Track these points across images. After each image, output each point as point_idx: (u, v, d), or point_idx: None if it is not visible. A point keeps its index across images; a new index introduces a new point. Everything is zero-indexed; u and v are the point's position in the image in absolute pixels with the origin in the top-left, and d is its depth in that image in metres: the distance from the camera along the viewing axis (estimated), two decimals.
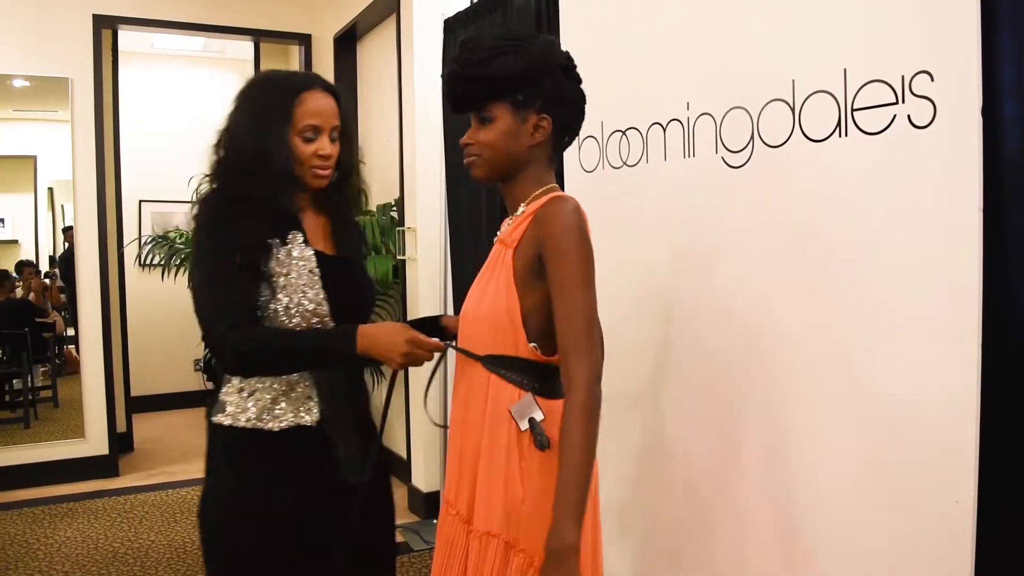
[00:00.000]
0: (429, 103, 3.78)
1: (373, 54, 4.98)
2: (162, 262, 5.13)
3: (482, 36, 1.52)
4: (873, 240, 1.58)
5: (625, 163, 2.24)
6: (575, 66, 1.54)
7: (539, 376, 1.49)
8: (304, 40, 5.28)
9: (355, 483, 1.62)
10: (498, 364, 1.49)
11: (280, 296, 1.57)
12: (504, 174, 1.55)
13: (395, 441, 4.78)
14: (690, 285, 2.03)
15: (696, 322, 2.02)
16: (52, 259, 5.63)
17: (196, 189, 1.66)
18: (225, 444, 1.62)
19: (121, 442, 5.07)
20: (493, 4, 3.22)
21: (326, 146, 1.61)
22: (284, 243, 1.60)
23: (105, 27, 4.77)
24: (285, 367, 1.57)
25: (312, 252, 1.63)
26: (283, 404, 1.61)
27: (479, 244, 3.35)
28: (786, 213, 1.77)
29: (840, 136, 1.63)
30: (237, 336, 1.50)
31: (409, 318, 4.05)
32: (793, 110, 1.73)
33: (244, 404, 1.61)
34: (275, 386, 1.61)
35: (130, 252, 5.44)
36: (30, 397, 5.27)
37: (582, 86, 1.55)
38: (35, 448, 4.75)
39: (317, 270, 1.62)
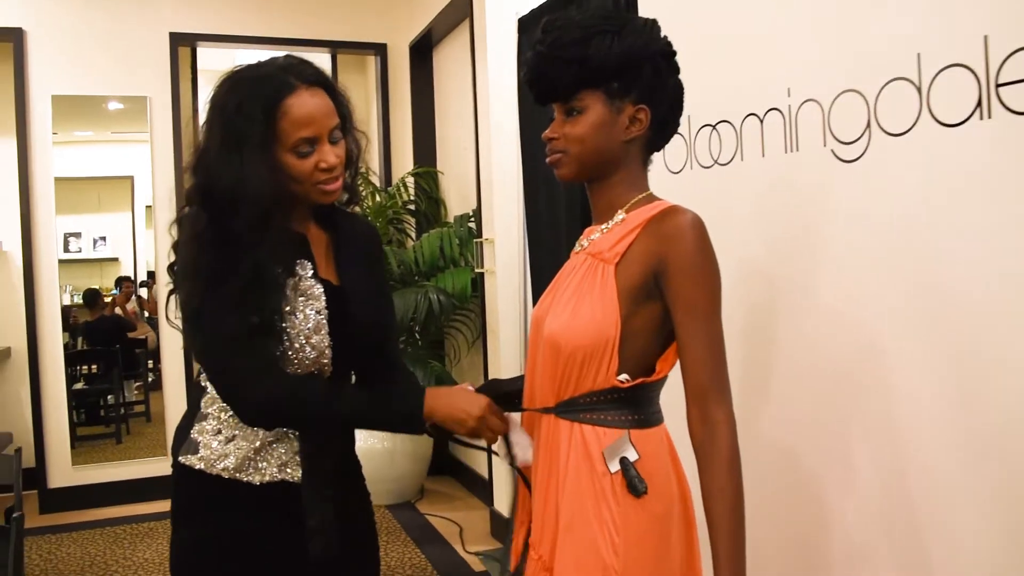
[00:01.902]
0: (505, 108, 3.63)
1: (448, 61, 4.89)
2: None
3: (572, 15, 1.31)
4: (1019, 242, 1.30)
5: (716, 161, 1.99)
6: (676, 53, 1.34)
7: (634, 404, 1.29)
8: (380, 50, 5.20)
9: (321, 555, 1.41)
10: (583, 410, 1.29)
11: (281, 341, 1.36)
12: (594, 173, 1.35)
13: (475, 457, 4.61)
14: (795, 294, 1.78)
15: (804, 334, 1.76)
16: (150, 273, 5.76)
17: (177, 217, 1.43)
18: (195, 492, 1.43)
19: None
20: None
21: (328, 155, 1.34)
22: (291, 274, 1.38)
23: (183, 45, 4.82)
24: (328, 428, 1.40)
25: (321, 289, 1.41)
26: (269, 456, 1.40)
27: (560, 256, 3.13)
28: (910, 212, 1.50)
29: (982, 118, 1.35)
30: (270, 384, 1.31)
31: (490, 376, 3.90)
32: (920, 90, 1.46)
33: (222, 450, 1.40)
34: (260, 434, 1.40)
35: None
36: (121, 412, 5.42)
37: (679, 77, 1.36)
38: (119, 466, 4.81)
39: (325, 311, 1.40)
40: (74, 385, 5.15)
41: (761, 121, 1.83)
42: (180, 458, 1.43)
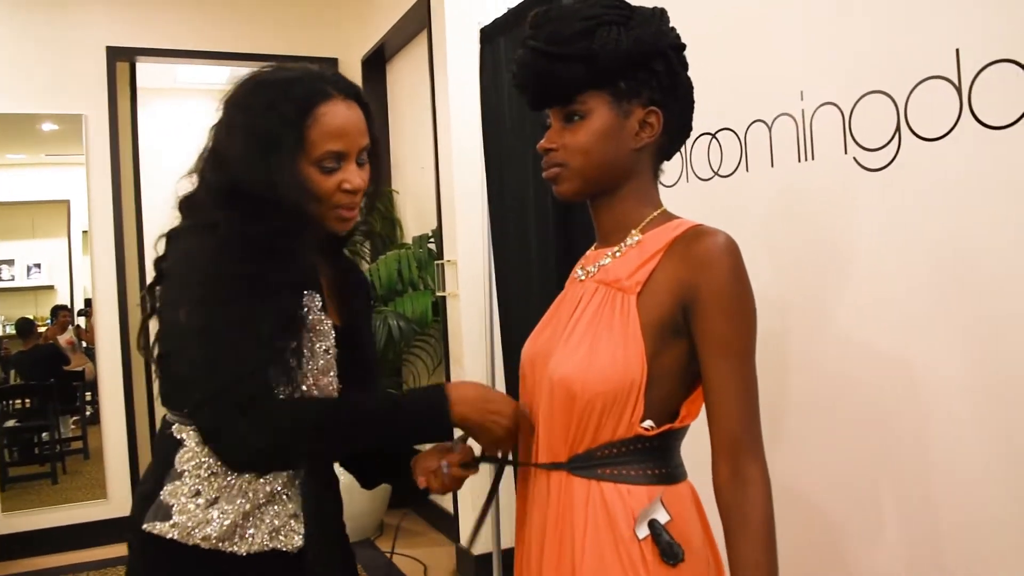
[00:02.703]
0: (467, 122, 3.50)
1: (404, 74, 4.74)
2: None
3: (567, 5, 1.12)
4: None
5: (716, 173, 1.83)
6: (685, 46, 1.16)
7: (658, 456, 1.10)
8: (330, 65, 5.00)
9: None
10: (601, 464, 1.09)
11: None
12: (600, 188, 1.16)
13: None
14: (810, 319, 1.61)
15: (820, 364, 1.60)
16: (87, 301, 5.51)
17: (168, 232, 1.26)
18: (165, 566, 1.19)
19: None
20: (536, 5, 2.85)
21: (354, 176, 1.20)
22: (301, 307, 1.20)
23: (120, 59, 4.57)
24: (339, 447, 1.20)
25: (331, 325, 1.23)
26: (259, 521, 1.19)
27: (530, 278, 2.98)
28: (947, 225, 1.36)
29: None
30: (271, 405, 1.11)
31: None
32: (959, 90, 1.31)
33: (202, 515, 1.17)
34: (250, 495, 1.18)
35: None
36: (58, 449, 5.16)
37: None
38: (55, 511, 4.53)
39: (335, 349, 1.22)
40: (5, 423, 4.89)
41: (769, 128, 1.68)
42: (146, 525, 1.18)
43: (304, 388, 1.18)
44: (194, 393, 1.11)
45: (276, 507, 1.20)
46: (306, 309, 1.19)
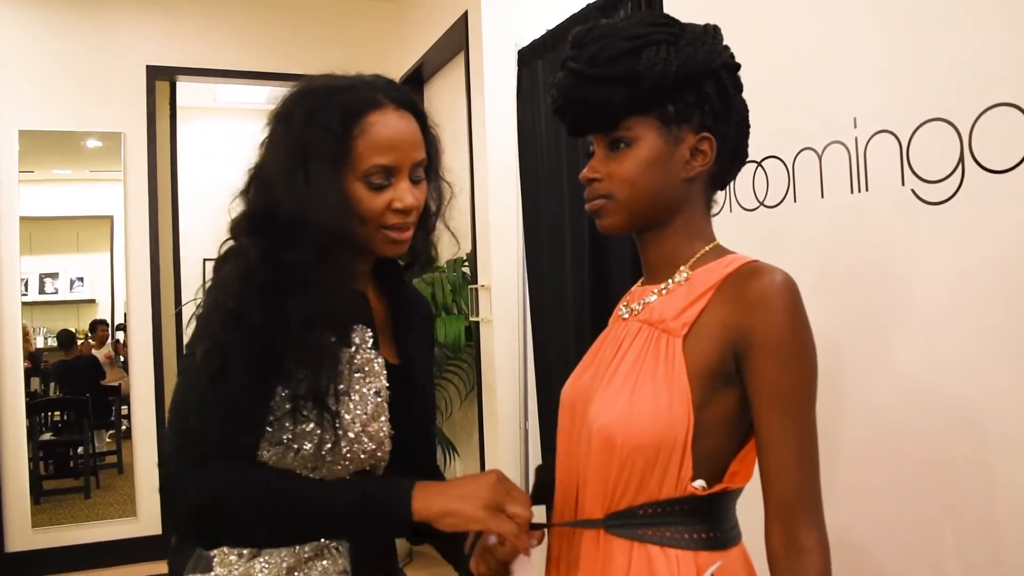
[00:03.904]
0: (503, 145, 3.47)
1: (441, 96, 4.71)
2: None
3: (611, 22, 1.04)
4: None
5: (762, 203, 1.73)
6: (740, 66, 1.07)
7: (710, 518, 1.00)
8: None
9: None
10: (643, 524, 0.99)
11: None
12: (647, 222, 1.07)
13: None
14: (865, 361, 1.51)
15: (877, 409, 1.49)
16: (127, 315, 5.58)
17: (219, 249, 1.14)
18: None
19: None
20: (577, 25, 2.80)
21: (405, 194, 1.08)
22: (345, 343, 1.08)
23: (160, 78, 4.61)
24: (272, 533, 1.01)
25: (383, 363, 1.11)
26: (306, 572, 1.08)
27: (564, 305, 2.91)
28: (1013, 264, 1.25)
29: None
30: (203, 475, 0.97)
31: (487, 433, 3.63)
32: None
33: (245, 569, 1.08)
34: (295, 549, 1.08)
35: (191, 313, 5.22)
36: (92, 463, 5.18)
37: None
38: (85, 527, 4.52)
39: (386, 391, 1.11)
40: (41, 436, 4.94)
41: (819, 156, 1.58)
42: None
43: (352, 435, 1.06)
44: (172, 437, 1.00)
45: (325, 562, 1.09)
46: (354, 347, 1.08)
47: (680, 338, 0.99)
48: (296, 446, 1.04)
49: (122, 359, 5.58)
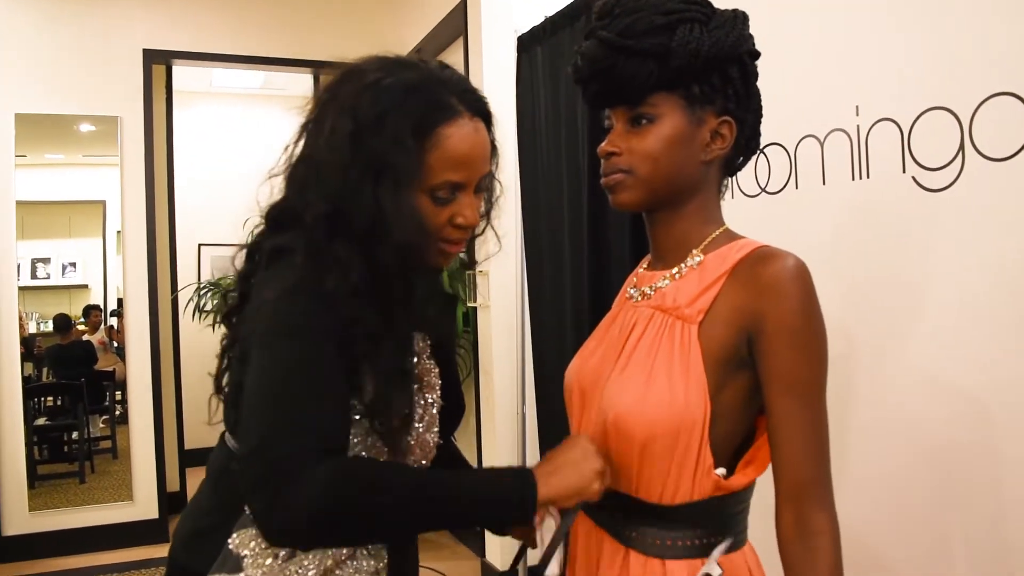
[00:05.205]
0: (502, 131, 3.38)
1: None
2: (214, 309, 4.86)
3: None
4: None
5: (764, 189, 1.76)
6: (759, 55, 1.07)
7: (723, 523, 1.01)
8: None
9: None
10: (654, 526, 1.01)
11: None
12: (663, 201, 1.06)
13: None
14: (866, 348, 1.53)
15: (881, 401, 1.51)
16: (120, 301, 5.55)
17: (251, 234, 1.10)
18: None
19: (173, 503, 4.79)
20: (575, 13, 2.81)
21: (467, 210, 1.02)
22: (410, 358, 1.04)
23: (157, 62, 4.58)
24: (403, 527, 0.96)
25: (437, 374, 1.07)
26: (338, 574, 1.03)
27: (562, 290, 2.92)
28: (1014, 251, 1.27)
29: None
30: (334, 467, 0.88)
31: (484, 422, 3.65)
32: None
33: (279, 570, 1.01)
34: (332, 551, 1.02)
35: (187, 298, 5.21)
36: (87, 448, 5.18)
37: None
38: (82, 511, 4.53)
39: (440, 403, 1.08)
40: (35, 420, 4.92)
41: (821, 143, 1.60)
42: None
43: (405, 447, 1.03)
44: (250, 437, 0.91)
45: (361, 561, 1.05)
46: (416, 359, 1.04)
47: (696, 325, 1.00)
48: (351, 453, 1.01)
49: (115, 344, 5.57)
